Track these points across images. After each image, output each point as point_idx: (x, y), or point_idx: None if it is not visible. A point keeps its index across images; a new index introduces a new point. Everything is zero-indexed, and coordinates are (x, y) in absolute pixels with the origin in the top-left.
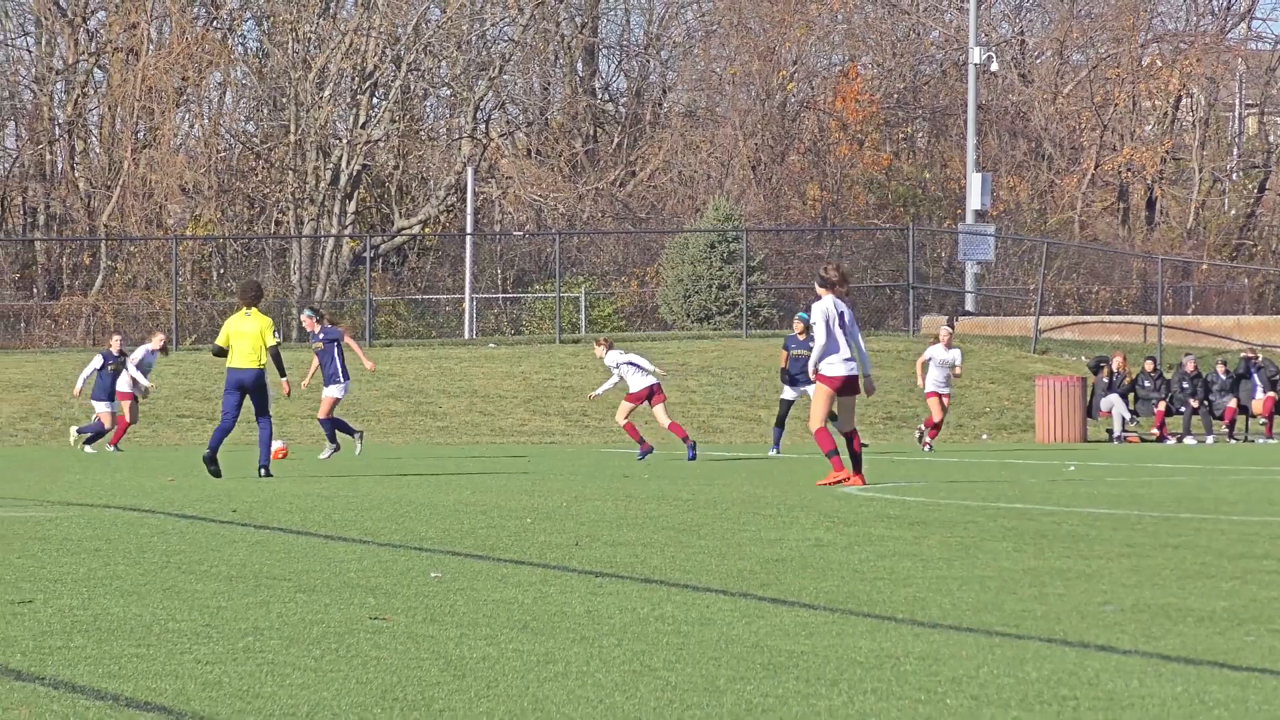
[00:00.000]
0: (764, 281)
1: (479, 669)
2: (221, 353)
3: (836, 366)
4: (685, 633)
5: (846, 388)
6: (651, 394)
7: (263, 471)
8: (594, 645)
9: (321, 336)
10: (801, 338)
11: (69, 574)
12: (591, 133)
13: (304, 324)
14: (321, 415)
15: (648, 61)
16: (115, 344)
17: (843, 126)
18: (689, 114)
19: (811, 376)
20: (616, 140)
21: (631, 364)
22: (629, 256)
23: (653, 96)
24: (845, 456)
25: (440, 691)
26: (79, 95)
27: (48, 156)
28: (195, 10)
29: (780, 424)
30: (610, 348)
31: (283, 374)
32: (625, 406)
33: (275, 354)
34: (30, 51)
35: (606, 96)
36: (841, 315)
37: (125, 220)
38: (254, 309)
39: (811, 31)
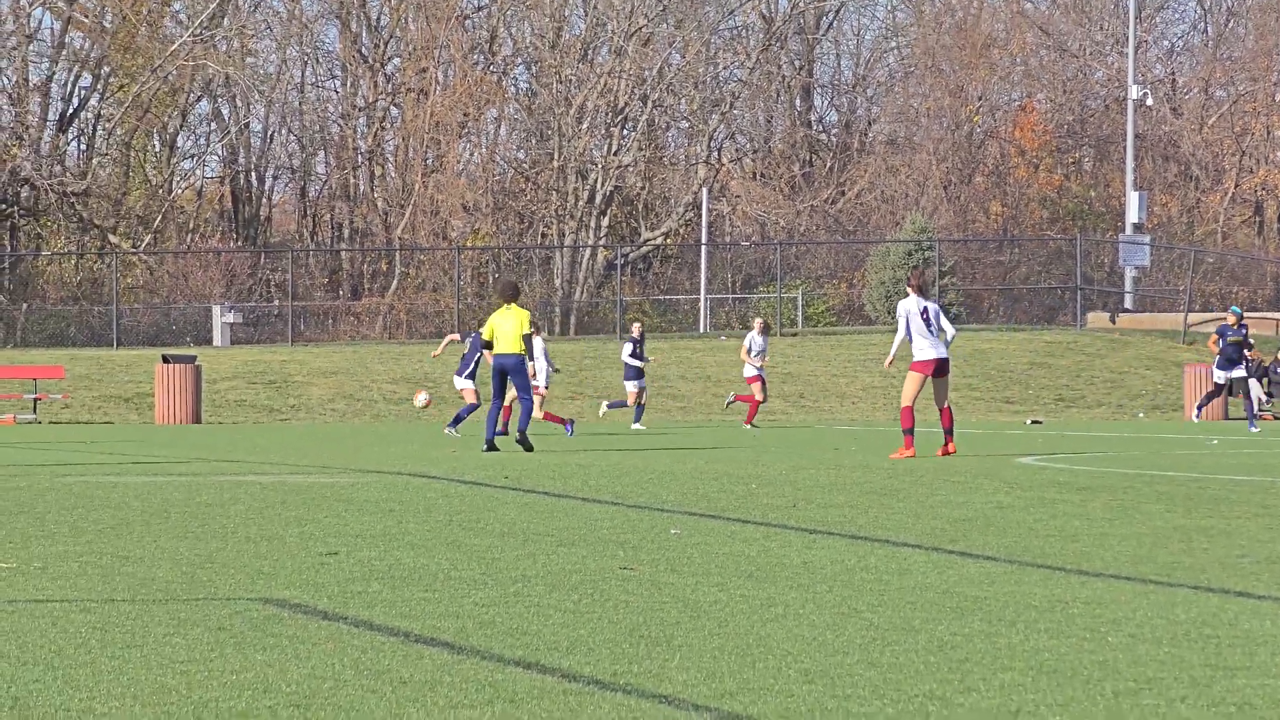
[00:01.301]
0: (954, 284)
1: (711, 610)
2: (489, 345)
3: (926, 353)
4: (886, 581)
5: (938, 370)
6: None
7: (519, 436)
8: (808, 591)
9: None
10: (1234, 327)
11: (368, 530)
12: (808, 158)
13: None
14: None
15: (855, 97)
16: (635, 330)
17: (1020, 152)
18: (890, 142)
19: (885, 365)
20: (829, 164)
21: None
22: (839, 262)
23: (859, 127)
24: (933, 434)
25: (679, 630)
26: (378, 128)
27: (352, 180)
28: (475, 57)
29: (1211, 399)
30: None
31: (531, 359)
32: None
33: (528, 341)
34: (337, 92)
35: (820, 128)
36: (924, 310)
37: (416, 233)
38: (513, 304)
39: (994, 72)
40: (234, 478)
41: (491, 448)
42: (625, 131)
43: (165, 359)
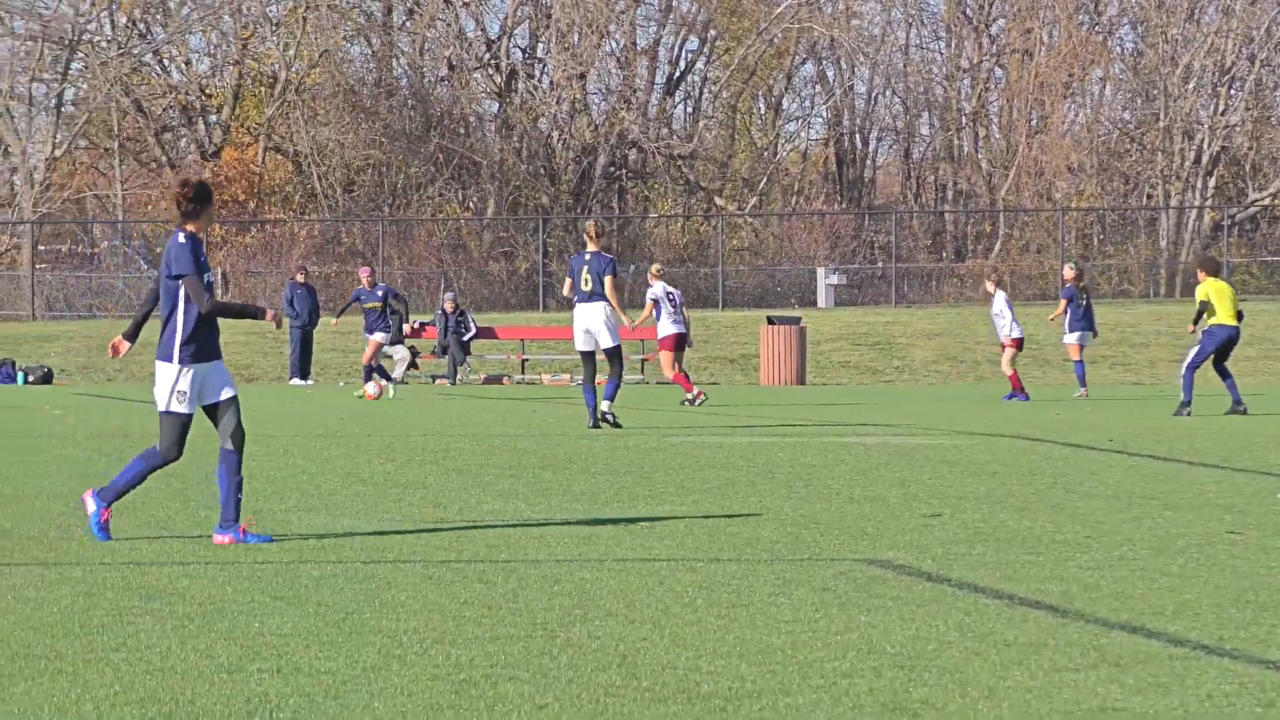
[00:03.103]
0: None
1: None
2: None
3: None
4: None
5: None
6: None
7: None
8: None
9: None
10: None
11: (971, 492)
12: None
13: None
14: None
15: None
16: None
17: None
18: None
19: None
20: None
21: None
22: None
23: None
24: None
25: None
26: (982, 90)
27: (955, 142)
28: (1080, 17)
29: None
30: None
31: None
32: None
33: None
34: (941, 54)
35: None
36: None
37: (1020, 195)
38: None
39: None
40: (837, 439)
41: None
42: (1232, 91)
43: (770, 320)
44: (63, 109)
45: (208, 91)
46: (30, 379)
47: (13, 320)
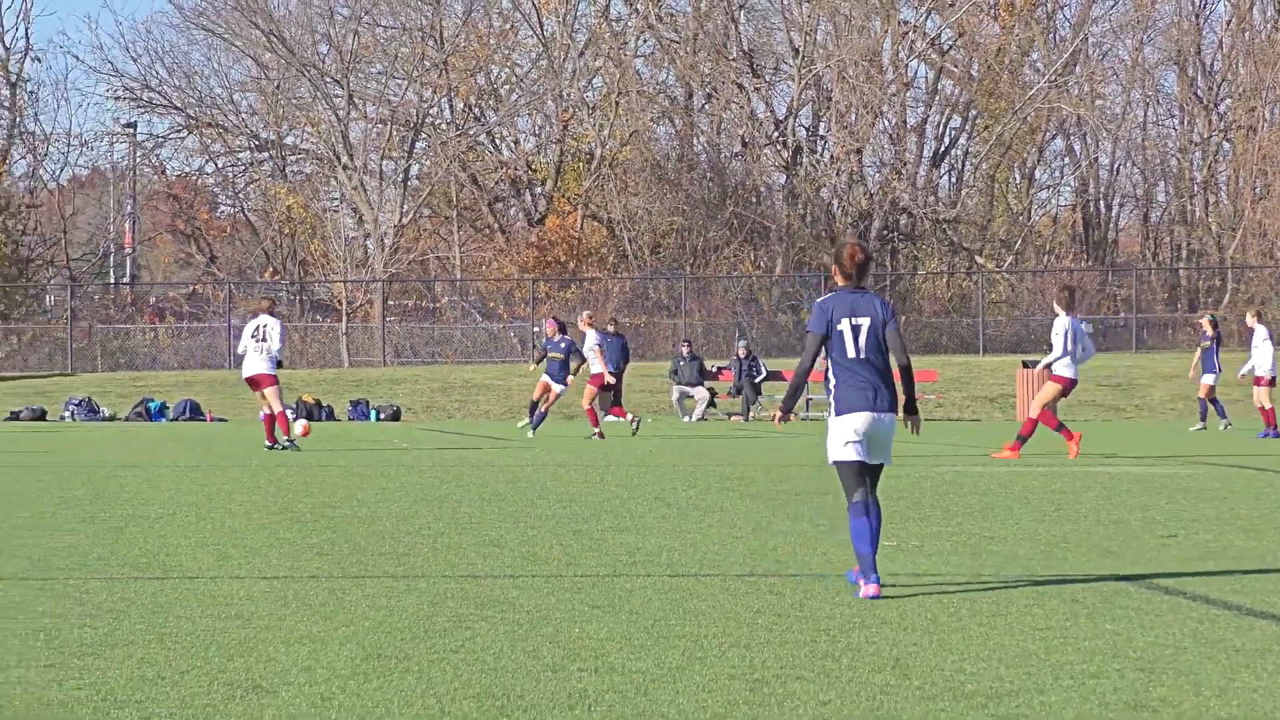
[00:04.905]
0: None
1: None
2: None
3: None
4: None
5: None
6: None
7: None
8: None
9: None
10: None
11: (1203, 515)
12: None
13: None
14: None
15: None
16: None
17: None
18: None
19: None
20: None
21: None
22: None
23: None
24: None
25: None
26: (1211, 161)
27: (1188, 207)
28: None
29: None
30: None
31: None
32: None
33: None
34: (1175, 129)
35: None
36: None
37: (1245, 253)
38: None
39: None
40: (1084, 469)
41: None
42: None
43: (1025, 364)
44: (409, 183)
45: (533, 166)
46: (381, 416)
47: (366, 366)
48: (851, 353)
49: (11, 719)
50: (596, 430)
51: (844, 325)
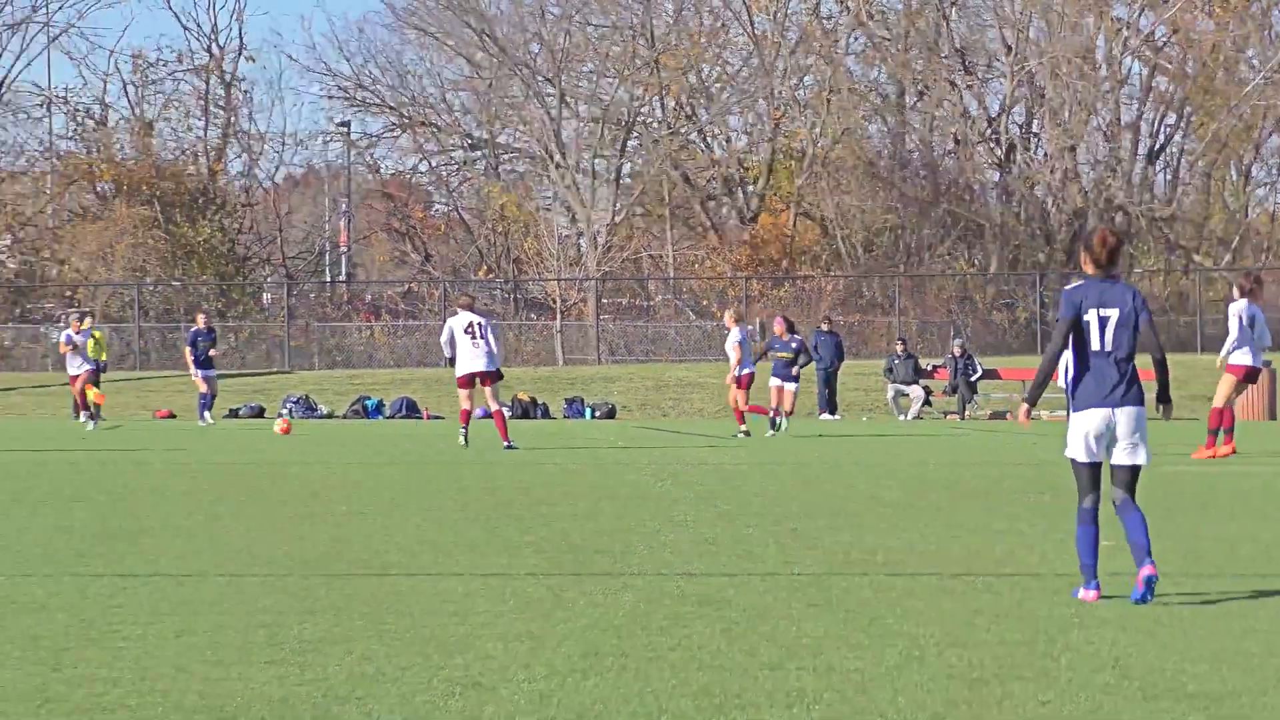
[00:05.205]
0: None
1: None
2: None
3: None
4: None
5: None
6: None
7: None
8: None
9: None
10: None
11: None
12: None
13: None
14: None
15: None
16: None
17: None
18: None
19: None
20: None
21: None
22: None
23: None
24: None
25: None
26: None
27: None
28: None
29: None
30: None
31: None
32: None
33: None
34: None
35: None
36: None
37: None
38: None
39: None
40: None
41: None
42: None
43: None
44: (621, 181)
45: (745, 165)
46: (596, 414)
47: (580, 364)
48: (1095, 345)
49: (234, 714)
50: (743, 428)
51: (1091, 315)
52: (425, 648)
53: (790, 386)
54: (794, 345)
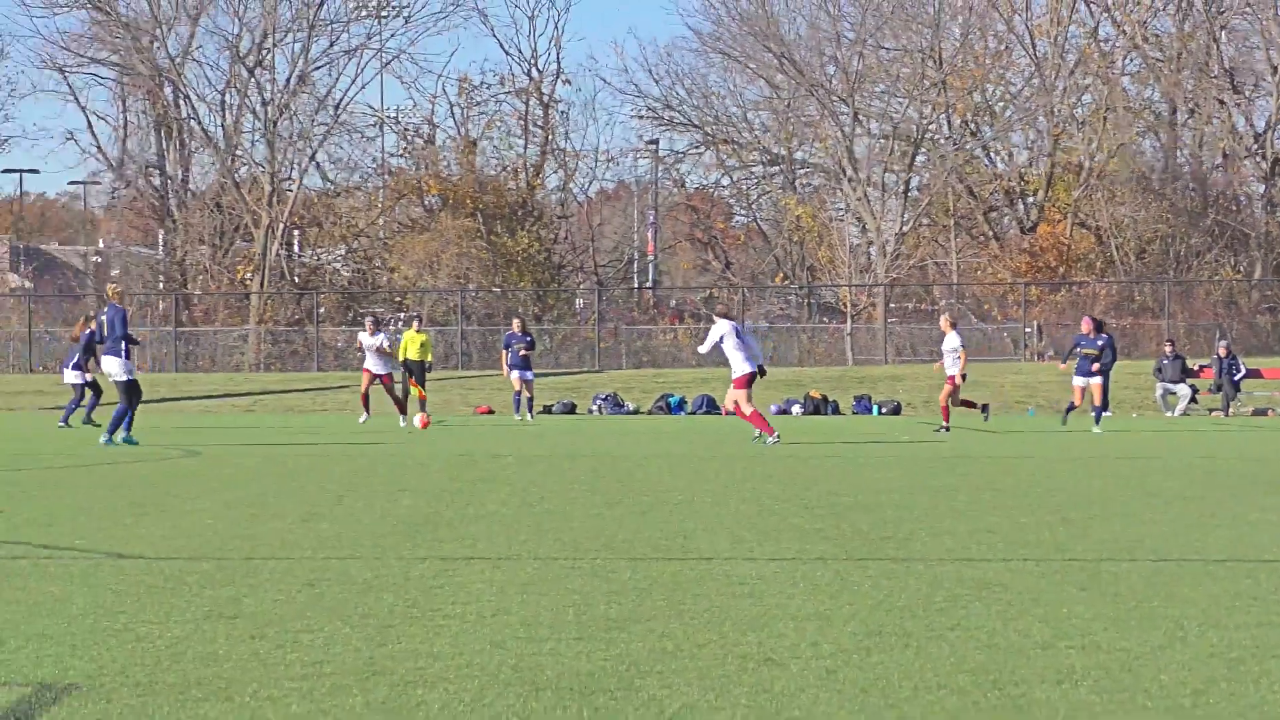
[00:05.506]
0: None
1: None
2: None
3: None
4: None
5: None
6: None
7: None
8: None
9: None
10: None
11: None
12: None
13: None
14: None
15: None
16: None
17: None
18: None
19: None
20: None
21: None
22: None
23: None
24: None
25: None
26: None
27: None
28: None
29: None
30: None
31: None
32: None
33: None
34: None
35: None
36: None
37: None
38: None
39: None
40: None
41: None
42: None
43: None
44: (909, 193)
45: (1026, 178)
46: (883, 411)
47: (869, 364)
48: None
49: (545, 686)
50: (945, 424)
51: None
52: (721, 626)
53: (1095, 381)
54: (1099, 343)
